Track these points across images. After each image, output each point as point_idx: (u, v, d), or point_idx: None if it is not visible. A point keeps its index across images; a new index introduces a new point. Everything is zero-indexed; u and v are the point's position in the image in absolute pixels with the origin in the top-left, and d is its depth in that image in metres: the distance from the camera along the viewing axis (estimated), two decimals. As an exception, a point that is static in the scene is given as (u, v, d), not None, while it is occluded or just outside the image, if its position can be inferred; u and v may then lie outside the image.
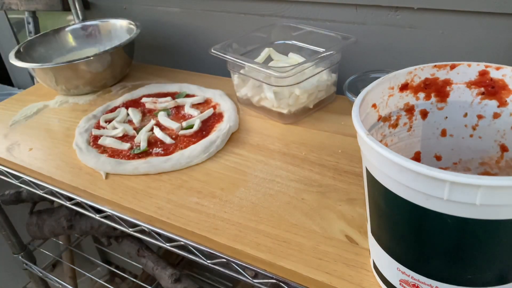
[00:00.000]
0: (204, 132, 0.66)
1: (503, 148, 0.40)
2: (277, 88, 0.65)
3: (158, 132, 0.67)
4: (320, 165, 0.57)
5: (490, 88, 0.39)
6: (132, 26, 0.89)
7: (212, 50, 0.68)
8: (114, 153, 0.64)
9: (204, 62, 0.94)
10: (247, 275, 0.49)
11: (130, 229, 0.57)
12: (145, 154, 0.63)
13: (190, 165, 0.60)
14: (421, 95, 0.41)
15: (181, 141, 0.65)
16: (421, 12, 0.65)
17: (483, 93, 0.39)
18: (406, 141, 0.43)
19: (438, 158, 0.44)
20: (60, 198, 0.64)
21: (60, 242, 1.16)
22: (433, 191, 0.28)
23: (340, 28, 0.73)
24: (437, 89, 0.41)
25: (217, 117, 0.70)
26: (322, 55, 0.63)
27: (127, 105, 0.77)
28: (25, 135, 0.73)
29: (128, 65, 0.88)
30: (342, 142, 0.61)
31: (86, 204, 0.60)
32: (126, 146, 0.65)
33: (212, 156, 0.62)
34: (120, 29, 0.93)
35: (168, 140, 0.65)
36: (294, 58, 0.71)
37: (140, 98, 0.79)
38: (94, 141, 0.67)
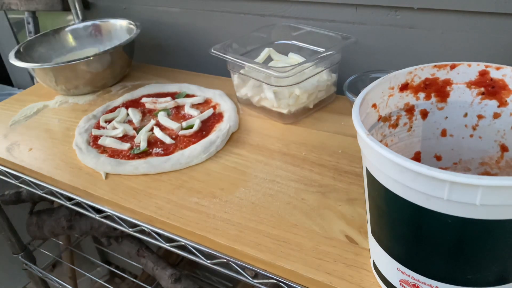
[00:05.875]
0: (204, 132, 0.66)
1: (503, 148, 0.40)
2: (277, 88, 0.65)
3: (158, 132, 0.66)
4: (320, 165, 0.57)
5: (490, 88, 0.39)
6: (132, 26, 0.89)
7: (212, 50, 0.68)
8: (114, 153, 0.64)
9: (204, 62, 0.94)
10: (247, 275, 0.49)
11: (130, 229, 0.57)
12: (145, 154, 0.63)
13: (190, 165, 0.60)
14: (421, 95, 0.41)
15: (181, 141, 0.65)
16: (421, 12, 0.65)
17: (483, 93, 0.39)
18: (406, 141, 0.43)
19: (438, 158, 0.44)
20: (60, 198, 0.64)
21: (60, 242, 1.16)
22: (433, 191, 0.28)
23: (340, 28, 0.73)
24: (437, 89, 0.41)
25: (217, 117, 0.70)
26: (322, 55, 0.63)
27: (127, 105, 0.77)
28: (25, 135, 0.73)
29: (128, 65, 0.88)
30: (342, 142, 0.61)
31: (86, 204, 0.60)
32: (126, 146, 0.65)
33: (212, 156, 0.61)
34: (120, 29, 0.93)
35: (168, 140, 0.65)
36: (294, 58, 0.71)
37: (140, 98, 0.79)
38: (94, 141, 0.67)
